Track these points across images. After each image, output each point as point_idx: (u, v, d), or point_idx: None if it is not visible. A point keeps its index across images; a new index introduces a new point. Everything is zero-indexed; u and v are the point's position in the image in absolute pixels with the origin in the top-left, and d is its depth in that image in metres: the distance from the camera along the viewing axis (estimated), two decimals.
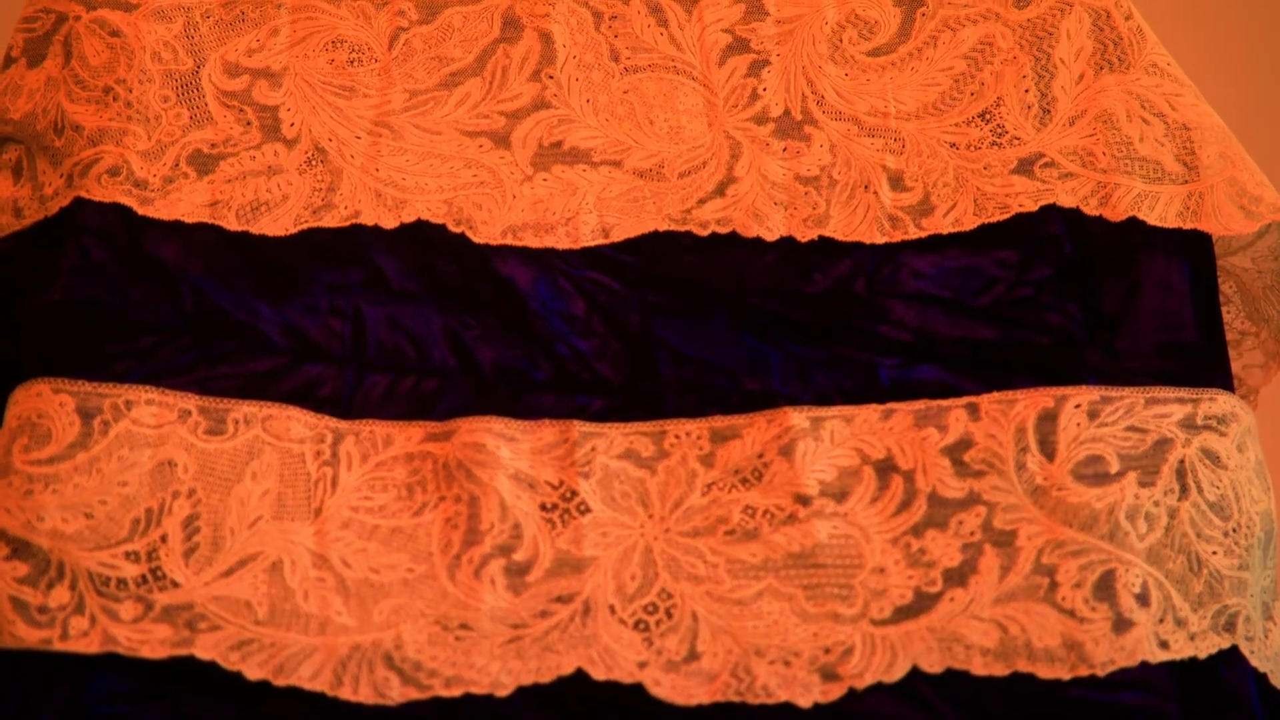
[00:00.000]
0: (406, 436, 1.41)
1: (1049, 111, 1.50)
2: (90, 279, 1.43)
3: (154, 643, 1.31)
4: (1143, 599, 1.33)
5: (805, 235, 1.47)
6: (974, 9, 1.54)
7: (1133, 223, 1.46)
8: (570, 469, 1.39)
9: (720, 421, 1.42)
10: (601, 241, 1.48)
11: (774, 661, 1.32)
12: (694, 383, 1.44)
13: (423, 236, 1.47)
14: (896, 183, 1.49)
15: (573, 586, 1.35)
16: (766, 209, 1.48)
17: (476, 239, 1.47)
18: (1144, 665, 1.32)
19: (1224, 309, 1.55)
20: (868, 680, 1.32)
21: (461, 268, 1.47)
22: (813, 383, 1.44)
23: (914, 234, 1.48)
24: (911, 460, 1.39)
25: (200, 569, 1.33)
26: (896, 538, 1.37)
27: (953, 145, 1.50)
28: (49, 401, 1.37)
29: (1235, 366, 1.57)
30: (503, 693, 1.31)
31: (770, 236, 1.47)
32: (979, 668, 1.32)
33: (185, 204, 1.46)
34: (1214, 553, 1.36)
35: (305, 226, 1.47)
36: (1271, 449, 1.49)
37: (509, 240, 1.47)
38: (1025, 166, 1.49)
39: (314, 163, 1.49)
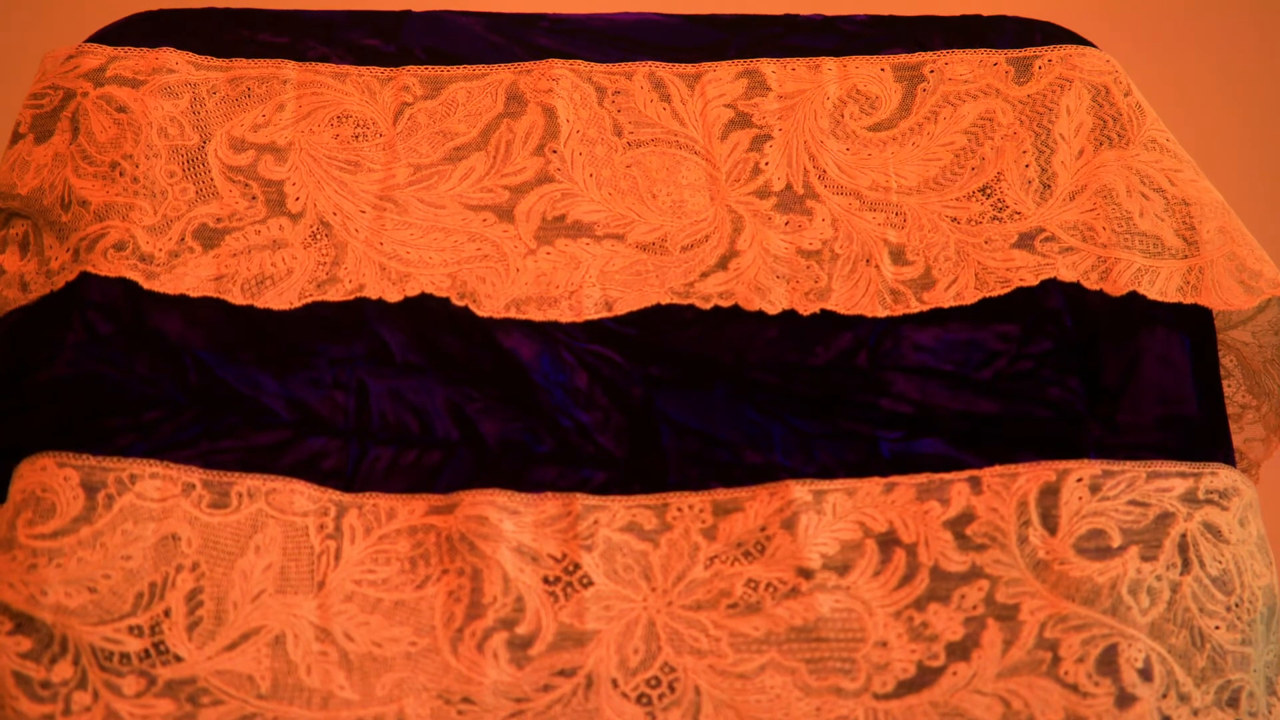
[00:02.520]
0: (410, 509, 1.41)
1: (1049, 186, 1.52)
2: (95, 353, 1.44)
3: (156, 718, 1.30)
4: (1146, 674, 1.33)
5: (807, 309, 1.48)
6: (974, 85, 1.57)
7: (1133, 297, 1.48)
8: (573, 542, 1.39)
9: (722, 494, 1.42)
10: (604, 315, 1.48)
11: None
12: (696, 455, 1.44)
13: (426, 310, 1.48)
14: (898, 256, 1.50)
15: (575, 660, 1.35)
16: (769, 282, 1.49)
17: (480, 312, 1.48)
18: None
19: (1225, 383, 1.58)
20: None
21: (465, 341, 1.47)
22: (815, 456, 1.44)
23: (915, 308, 1.49)
24: (914, 533, 1.39)
25: (203, 643, 1.33)
26: (899, 611, 1.36)
27: (954, 219, 1.51)
28: (53, 476, 1.37)
29: (1236, 440, 1.59)
30: None
31: (772, 310, 1.48)
32: None
33: (190, 278, 1.48)
34: (1216, 627, 1.36)
35: (309, 300, 1.48)
36: (1273, 523, 1.49)
37: (512, 313, 1.48)
38: (1026, 241, 1.50)
39: (318, 237, 1.50)
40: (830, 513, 1.40)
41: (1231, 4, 2.30)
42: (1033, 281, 1.48)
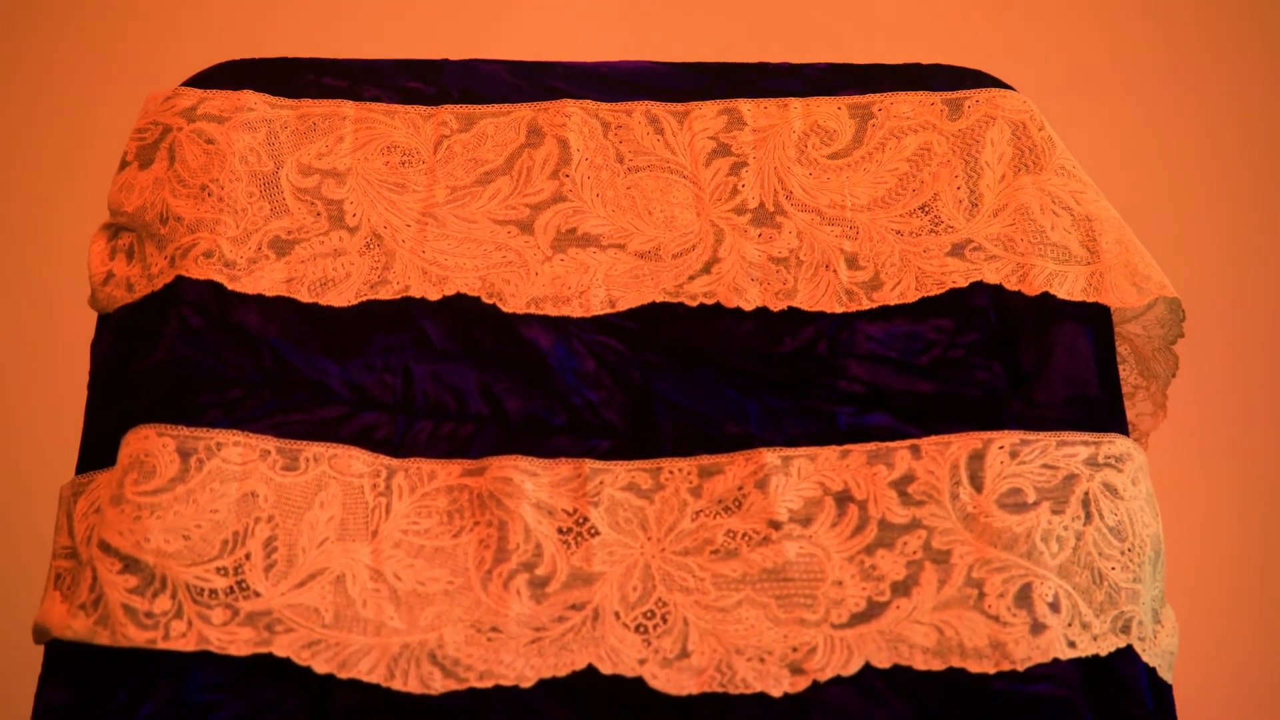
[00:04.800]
0: (447, 472, 1.42)
1: (977, 205, 1.51)
2: (188, 343, 1.44)
3: (240, 643, 1.31)
4: (1054, 607, 1.34)
5: (777, 306, 1.49)
6: (915, 120, 1.56)
7: (1046, 297, 1.48)
8: (583, 499, 1.40)
9: (707, 460, 1.43)
10: (609, 311, 1.49)
11: (751, 659, 1.33)
12: (685, 428, 1.45)
13: (461, 307, 1.49)
14: (852, 263, 1.50)
15: (585, 596, 1.36)
16: (745, 284, 1.49)
17: (505, 309, 1.48)
18: (1056, 662, 1.32)
19: (1120, 367, 1.57)
20: (828, 674, 1.32)
21: (493, 333, 1.48)
22: (783, 428, 1.45)
23: (866, 305, 1.49)
24: (865, 492, 1.40)
25: (277, 582, 1.34)
26: (852, 556, 1.37)
27: (898, 232, 1.51)
28: (154, 443, 1.38)
29: (1130, 414, 1.58)
30: (526, 684, 1.31)
31: (748, 307, 1.48)
32: (920, 664, 1.32)
33: (266, 280, 1.47)
34: (1113, 568, 1.37)
35: (364, 299, 1.48)
36: (1159, 482, 1.49)
37: (532, 310, 1.48)
38: (957, 250, 1.50)
39: (372, 246, 1.50)
40: (796, 475, 1.41)
41: (1125, 59, 2.31)
42: (963, 283, 1.48)
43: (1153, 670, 1.37)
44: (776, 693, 1.31)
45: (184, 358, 1.44)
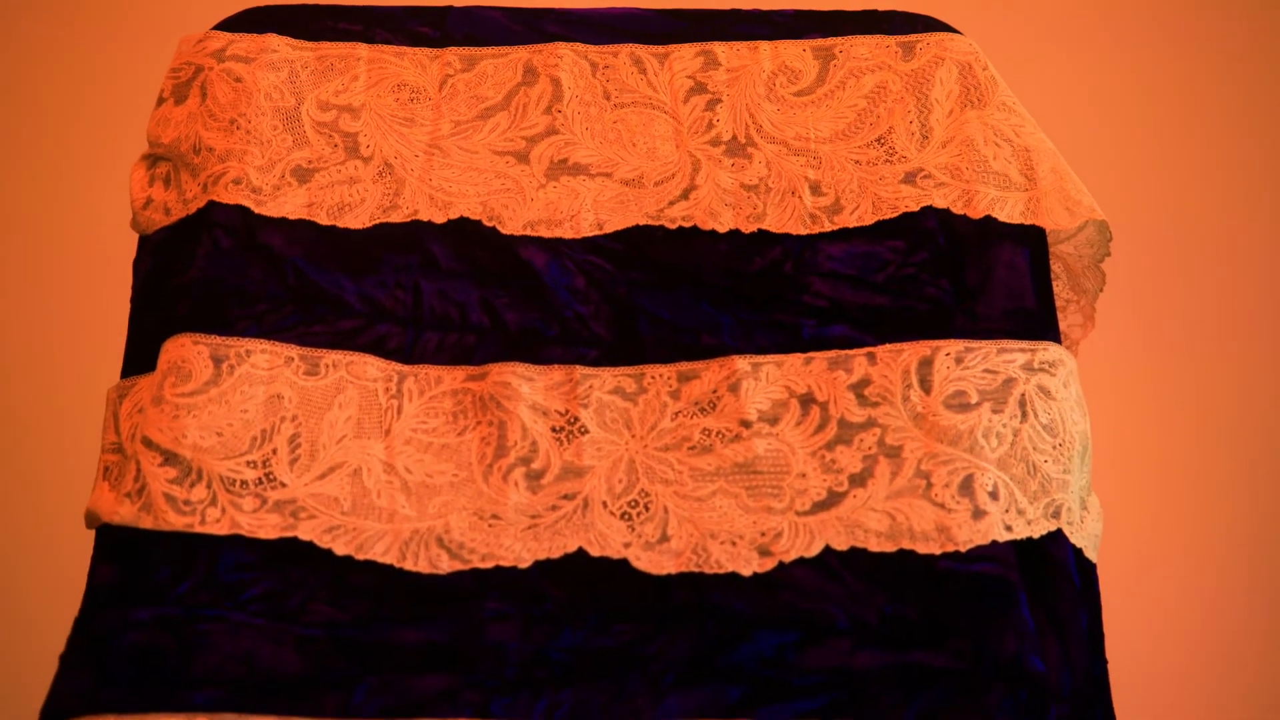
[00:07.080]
0: (453, 377, 1.43)
1: (927, 137, 1.52)
2: (219, 262, 1.45)
3: (268, 527, 1.33)
4: (994, 495, 1.35)
5: (748, 228, 1.50)
6: (872, 61, 1.57)
7: (988, 220, 1.49)
8: (574, 401, 1.41)
9: (685, 366, 1.44)
10: (597, 233, 1.49)
11: (724, 542, 1.33)
12: (665, 339, 1.46)
13: (464, 229, 1.50)
14: (815, 190, 1.51)
15: (575, 488, 1.37)
16: (719, 209, 1.50)
17: (504, 231, 1.49)
18: (994, 544, 1.33)
19: (1054, 283, 1.57)
20: (793, 556, 1.32)
21: (493, 253, 1.49)
22: (753, 339, 1.46)
23: (828, 228, 1.49)
24: (826, 394, 1.41)
25: (301, 474, 1.36)
26: (815, 451, 1.38)
27: (857, 162, 1.52)
28: (190, 350, 1.40)
29: (1062, 325, 1.58)
30: (524, 565, 1.32)
31: (722, 229, 1.49)
32: (874, 546, 1.33)
33: (289, 205, 1.49)
34: (1045, 461, 1.37)
35: (377, 222, 1.49)
36: (1087, 384, 1.51)
37: (528, 232, 1.49)
38: (910, 178, 1.51)
39: (384, 175, 1.51)
40: (764, 379, 1.42)
41: (1062, 7, 2.33)
42: (915, 208, 1.49)
43: (1079, 551, 1.38)
44: (746, 572, 1.32)
45: (216, 276, 1.45)
